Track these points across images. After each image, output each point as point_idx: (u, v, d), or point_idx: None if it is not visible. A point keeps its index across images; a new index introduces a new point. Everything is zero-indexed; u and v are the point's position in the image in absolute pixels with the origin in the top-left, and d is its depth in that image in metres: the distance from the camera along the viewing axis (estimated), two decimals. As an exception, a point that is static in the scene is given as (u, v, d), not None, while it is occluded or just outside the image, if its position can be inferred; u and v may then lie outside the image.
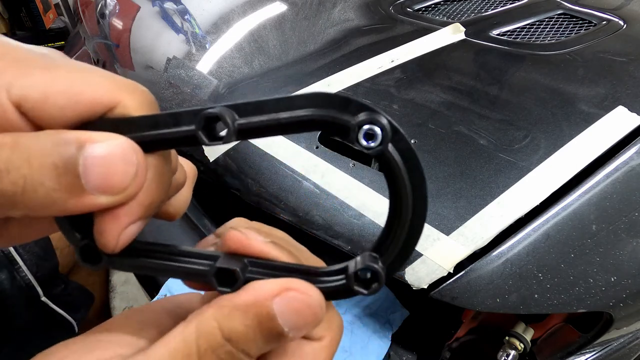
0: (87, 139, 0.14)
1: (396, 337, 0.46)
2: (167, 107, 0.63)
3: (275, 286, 0.15)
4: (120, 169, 0.14)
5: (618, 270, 0.39)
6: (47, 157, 0.14)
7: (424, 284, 0.38)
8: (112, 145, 0.14)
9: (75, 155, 0.14)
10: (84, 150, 0.14)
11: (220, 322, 0.15)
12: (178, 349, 0.14)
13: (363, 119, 0.14)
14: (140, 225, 0.16)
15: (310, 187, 0.46)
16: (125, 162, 0.14)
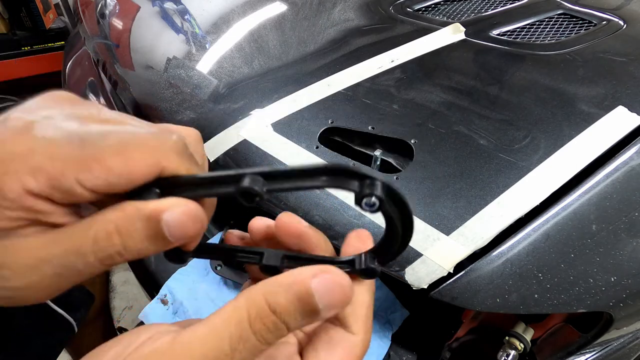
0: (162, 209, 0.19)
1: (396, 337, 0.46)
2: (168, 107, 0.63)
3: (315, 269, 0.18)
4: (192, 225, 0.20)
5: (618, 270, 0.39)
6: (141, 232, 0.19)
7: (424, 284, 0.38)
8: (182, 212, 0.19)
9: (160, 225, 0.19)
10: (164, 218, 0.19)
11: (267, 296, 0.17)
12: (231, 317, 0.17)
13: (365, 192, 0.19)
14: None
15: (310, 187, 0.46)
16: (194, 220, 0.20)
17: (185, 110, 0.61)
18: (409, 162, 0.47)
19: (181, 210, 0.19)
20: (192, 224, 0.20)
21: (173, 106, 0.62)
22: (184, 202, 0.20)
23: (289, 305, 0.17)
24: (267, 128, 0.53)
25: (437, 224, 0.41)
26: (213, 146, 0.54)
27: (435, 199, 0.43)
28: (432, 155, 0.47)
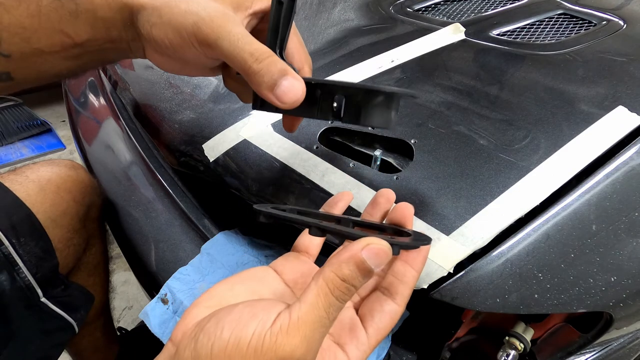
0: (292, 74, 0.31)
1: (396, 337, 0.46)
2: (168, 107, 0.63)
3: (362, 243, 0.25)
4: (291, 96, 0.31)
5: (618, 270, 0.39)
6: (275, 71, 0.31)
7: (424, 284, 0.38)
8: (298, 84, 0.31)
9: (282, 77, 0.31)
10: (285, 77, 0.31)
11: (335, 272, 0.25)
12: (319, 293, 0.24)
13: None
14: None
15: (310, 187, 0.46)
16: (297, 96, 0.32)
17: (185, 110, 0.61)
18: (409, 162, 0.47)
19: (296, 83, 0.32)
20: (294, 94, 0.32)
21: (173, 106, 0.62)
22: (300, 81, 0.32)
23: (351, 273, 0.24)
24: (267, 128, 0.53)
25: (437, 224, 0.41)
26: (213, 146, 0.54)
27: (435, 199, 0.43)
28: (432, 155, 0.47)
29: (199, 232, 0.56)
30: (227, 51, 0.31)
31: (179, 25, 0.31)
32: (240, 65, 0.31)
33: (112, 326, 0.90)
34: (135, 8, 0.32)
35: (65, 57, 0.34)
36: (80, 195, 0.66)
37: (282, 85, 0.30)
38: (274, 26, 0.35)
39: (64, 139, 2.03)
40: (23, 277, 0.56)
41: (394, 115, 0.34)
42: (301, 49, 0.38)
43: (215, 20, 0.31)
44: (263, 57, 0.31)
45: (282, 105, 0.31)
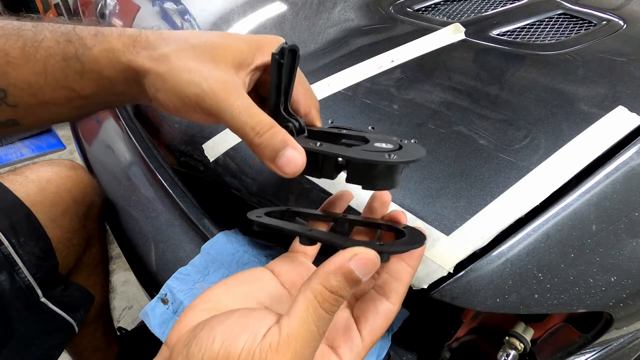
0: (292, 145, 0.31)
1: (396, 337, 0.46)
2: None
3: (350, 253, 0.25)
4: (292, 167, 0.31)
5: (618, 270, 0.39)
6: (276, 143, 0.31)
7: (424, 284, 0.38)
8: (297, 155, 0.31)
9: (282, 149, 0.31)
10: (285, 149, 0.31)
11: (323, 283, 0.25)
12: (308, 306, 0.24)
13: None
14: None
15: (310, 187, 0.46)
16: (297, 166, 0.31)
17: (185, 110, 0.61)
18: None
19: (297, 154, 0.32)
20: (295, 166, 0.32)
21: (173, 106, 0.62)
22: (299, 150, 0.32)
23: (339, 284, 0.25)
24: (267, 128, 0.53)
25: (437, 224, 0.41)
26: (213, 146, 0.54)
27: (435, 199, 0.43)
28: (432, 155, 0.47)
29: (199, 232, 0.56)
30: (230, 123, 0.32)
31: (183, 95, 0.32)
32: (242, 137, 0.32)
33: (112, 326, 0.90)
34: (140, 71, 0.33)
35: (70, 107, 0.35)
36: (80, 195, 0.66)
37: (283, 157, 0.31)
38: (276, 83, 0.36)
39: (64, 139, 2.03)
40: (23, 277, 0.56)
41: (399, 177, 0.34)
42: (307, 95, 0.39)
43: (217, 92, 0.32)
44: (264, 131, 0.32)
45: (284, 175, 0.32)
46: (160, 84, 0.33)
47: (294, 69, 0.37)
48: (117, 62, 0.33)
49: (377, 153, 0.32)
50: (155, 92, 0.33)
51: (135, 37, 0.33)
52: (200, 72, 0.32)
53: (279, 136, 0.32)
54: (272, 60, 0.35)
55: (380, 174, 0.33)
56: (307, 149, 0.33)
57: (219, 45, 0.34)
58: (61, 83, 0.33)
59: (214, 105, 0.32)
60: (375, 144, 0.34)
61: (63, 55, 0.32)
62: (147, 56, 0.33)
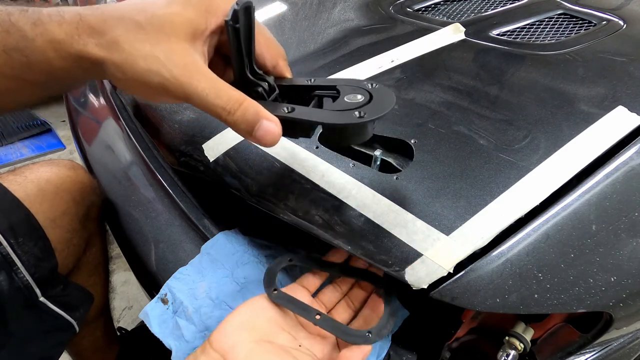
0: (264, 116, 0.33)
1: (396, 337, 0.46)
2: (168, 107, 0.63)
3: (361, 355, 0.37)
4: (269, 138, 0.33)
5: (618, 270, 0.39)
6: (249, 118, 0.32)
7: (424, 284, 0.38)
8: (273, 126, 0.33)
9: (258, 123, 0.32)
10: (260, 123, 0.32)
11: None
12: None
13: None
14: None
15: (310, 187, 0.46)
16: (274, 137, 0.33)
17: (185, 110, 0.61)
18: (409, 162, 0.47)
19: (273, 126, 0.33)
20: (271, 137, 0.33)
21: (173, 106, 0.62)
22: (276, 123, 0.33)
23: None
24: (267, 128, 0.53)
25: (437, 224, 0.41)
26: (213, 146, 0.54)
27: (435, 199, 0.43)
28: (432, 155, 0.47)
29: (199, 232, 0.56)
30: (200, 106, 0.32)
31: (145, 84, 0.31)
32: (216, 117, 0.33)
33: (112, 326, 0.90)
34: (94, 61, 0.31)
35: (28, 94, 0.34)
36: (80, 195, 0.66)
37: (260, 130, 0.32)
38: (236, 48, 0.35)
39: (64, 139, 2.03)
40: (21, 277, 0.56)
41: (371, 130, 0.36)
42: (270, 46, 0.38)
43: (179, 78, 0.31)
44: (235, 108, 0.32)
45: (264, 146, 0.33)
46: (120, 73, 0.31)
47: (252, 27, 0.35)
48: (66, 54, 0.31)
49: (347, 113, 0.33)
50: (117, 81, 0.32)
51: (76, 24, 0.31)
52: (156, 57, 0.31)
53: (251, 110, 0.32)
54: (227, 28, 0.33)
55: (353, 132, 0.34)
56: (281, 117, 0.34)
57: (166, 19, 0.31)
58: (8, 74, 0.31)
59: (179, 92, 0.31)
60: (346, 98, 0.35)
61: (3, 47, 0.30)
62: (96, 44, 0.30)
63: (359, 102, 0.34)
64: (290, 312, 0.42)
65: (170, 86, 0.31)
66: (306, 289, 0.45)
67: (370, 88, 0.36)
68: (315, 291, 0.46)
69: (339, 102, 0.35)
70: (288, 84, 0.39)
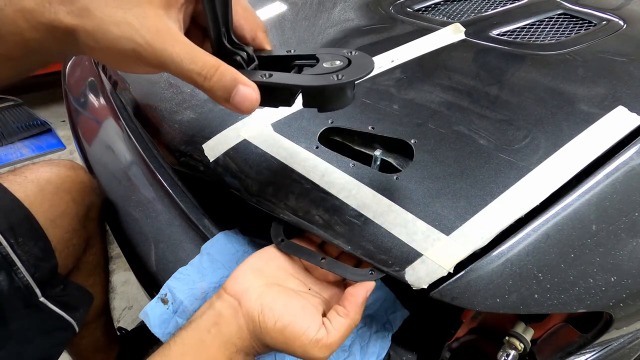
0: (241, 81, 0.32)
1: (396, 337, 0.46)
2: (168, 107, 0.63)
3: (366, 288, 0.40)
4: (247, 104, 0.32)
5: (618, 270, 0.39)
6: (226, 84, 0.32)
7: (424, 284, 0.38)
8: (250, 92, 0.32)
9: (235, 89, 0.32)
10: (237, 88, 0.32)
11: (358, 314, 0.39)
12: (348, 328, 0.38)
13: None
14: None
15: (310, 187, 0.46)
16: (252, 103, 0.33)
17: (185, 110, 0.61)
18: (409, 162, 0.47)
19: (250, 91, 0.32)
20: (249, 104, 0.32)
21: (173, 106, 0.62)
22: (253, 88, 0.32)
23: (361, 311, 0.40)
24: (267, 128, 0.53)
25: (437, 224, 0.41)
26: (213, 146, 0.54)
27: (435, 199, 0.43)
28: (432, 155, 0.47)
29: (199, 232, 0.56)
30: (175, 73, 0.31)
31: (119, 52, 0.30)
32: (192, 84, 0.32)
33: (112, 326, 0.90)
34: (66, 31, 0.30)
35: (2, 69, 0.32)
36: (80, 195, 0.66)
37: (237, 96, 0.32)
38: (212, 17, 0.34)
39: (64, 139, 2.03)
40: (21, 277, 0.56)
41: (352, 94, 0.36)
42: (249, 17, 0.38)
43: (152, 44, 0.30)
44: (211, 74, 0.31)
45: (242, 112, 0.33)
46: (93, 42, 0.30)
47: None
48: (38, 23, 0.29)
49: (326, 76, 0.33)
50: (91, 50, 0.31)
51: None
52: (128, 23, 0.30)
53: (228, 76, 0.31)
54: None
55: (332, 95, 0.34)
56: (259, 82, 0.33)
57: None
58: None
59: (153, 58, 0.30)
60: (324, 65, 0.35)
61: None
62: (68, 12, 0.29)
63: (338, 66, 0.34)
64: (298, 260, 0.45)
65: (143, 52, 0.30)
66: (312, 241, 0.47)
67: (349, 55, 0.36)
68: (321, 243, 0.47)
69: (317, 67, 0.35)
70: (267, 55, 0.38)
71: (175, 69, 0.31)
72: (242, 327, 0.38)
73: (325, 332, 0.37)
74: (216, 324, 0.38)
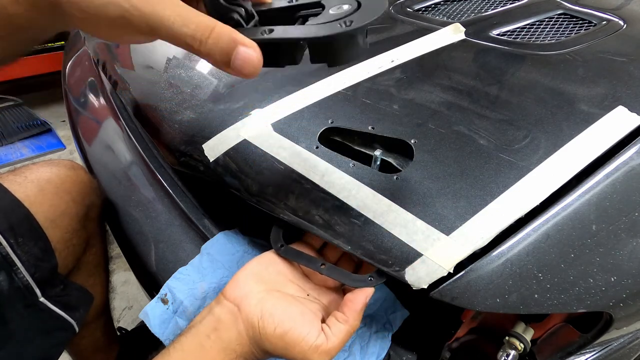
0: (240, 42, 0.29)
1: (396, 337, 0.46)
2: (168, 107, 0.63)
3: (365, 295, 0.40)
4: (249, 67, 0.30)
5: (618, 270, 0.39)
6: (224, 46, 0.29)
7: (424, 284, 0.38)
8: (251, 52, 0.29)
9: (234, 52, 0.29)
10: (237, 50, 0.29)
11: (357, 320, 0.39)
12: (347, 333, 0.38)
13: None
14: None
15: (310, 187, 0.46)
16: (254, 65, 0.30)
17: (185, 110, 0.61)
18: (409, 162, 0.47)
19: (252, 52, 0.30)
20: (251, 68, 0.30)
21: (173, 106, 0.62)
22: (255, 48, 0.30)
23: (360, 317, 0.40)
24: (267, 128, 0.53)
25: (437, 224, 0.41)
26: (213, 146, 0.54)
27: (435, 199, 0.43)
28: (432, 155, 0.47)
29: (199, 232, 0.56)
30: (167, 38, 0.29)
31: (107, 19, 0.28)
32: (187, 49, 0.30)
33: (112, 326, 0.90)
34: (50, 3, 0.28)
35: None
36: (80, 195, 0.66)
37: (237, 59, 0.29)
38: None
39: (64, 139, 2.03)
40: (21, 277, 0.56)
41: (364, 41, 0.32)
42: None
43: (140, 8, 0.28)
44: (206, 36, 0.29)
45: (245, 77, 0.30)
46: (78, 11, 0.28)
47: None
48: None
49: (333, 24, 0.29)
50: (78, 22, 0.29)
51: None
52: None
53: (225, 36, 0.29)
54: None
55: (342, 46, 0.30)
56: (259, 40, 0.30)
57: None
58: None
59: (143, 23, 0.28)
60: (331, 11, 0.31)
61: None
62: None
63: (346, 11, 0.31)
64: (297, 266, 0.45)
65: (131, 18, 0.28)
66: (311, 246, 0.47)
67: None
68: (320, 248, 0.48)
69: (323, 15, 0.31)
70: (268, 9, 0.35)
71: (166, 34, 0.29)
72: (242, 332, 0.38)
73: (324, 338, 0.37)
74: (216, 330, 0.38)
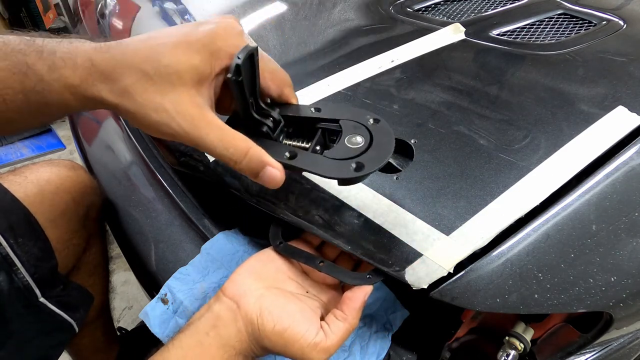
0: (268, 163, 0.36)
1: (396, 337, 0.46)
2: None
3: (364, 292, 0.40)
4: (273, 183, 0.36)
5: (618, 270, 0.39)
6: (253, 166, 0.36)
7: (424, 284, 0.38)
8: (276, 173, 0.36)
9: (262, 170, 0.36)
10: (264, 170, 0.36)
11: (356, 318, 0.39)
12: (346, 331, 0.39)
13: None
14: None
15: (310, 187, 0.46)
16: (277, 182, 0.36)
17: (185, 110, 0.61)
18: (409, 162, 0.47)
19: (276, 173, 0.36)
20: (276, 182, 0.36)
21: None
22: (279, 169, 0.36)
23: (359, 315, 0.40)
24: (267, 128, 0.53)
25: (437, 224, 0.41)
26: (213, 146, 0.54)
27: (435, 199, 0.43)
28: (432, 155, 0.47)
29: (199, 232, 0.56)
30: (208, 154, 0.37)
31: (158, 132, 0.34)
32: (224, 163, 0.36)
33: (112, 326, 0.90)
34: (108, 105, 0.34)
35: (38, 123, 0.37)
36: (80, 195, 0.66)
37: (265, 176, 0.36)
38: (240, 97, 0.36)
39: (64, 139, 2.03)
40: (21, 277, 0.56)
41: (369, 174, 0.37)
42: (275, 77, 0.40)
43: (188, 131, 0.34)
44: (241, 158, 0.35)
45: (268, 187, 0.37)
46: (133, 120, 0.34)
47: (256, 72, 0.36)
48: (82, 97, 0.33)
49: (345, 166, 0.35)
50: (131, 124, 0.35)
51: (88, 70, 0.33)
52: (165, 110, 0.33)
53: (256, 159, 0.35)
54: (231, 83, 0.34)
55: (353, 182, 0.37)
56: (283, 163, 0.37)
57: (172, 69, 0.33)
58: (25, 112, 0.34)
59: (188, 142, 0.34)
60: (346, 142, 0.37)
61: (22, 89, 0.32)
62: (109, 91, 0.33)
63: (359, 147, 0.36)
64: (296, 263, 0.45)
65: (180, 138, 0.34)
66: (310, 243, 0.48)
67: (371, 125, 0.38)
68: (318, 245, 0.48)
69: (339, 146, 0.37)
70: (293, 115, 0.40)
71: (209, 152, 0.35)
72: (241, 329, 0.38)
73: (323, 336, 0.37)
74: (215, 327, 0.38)
